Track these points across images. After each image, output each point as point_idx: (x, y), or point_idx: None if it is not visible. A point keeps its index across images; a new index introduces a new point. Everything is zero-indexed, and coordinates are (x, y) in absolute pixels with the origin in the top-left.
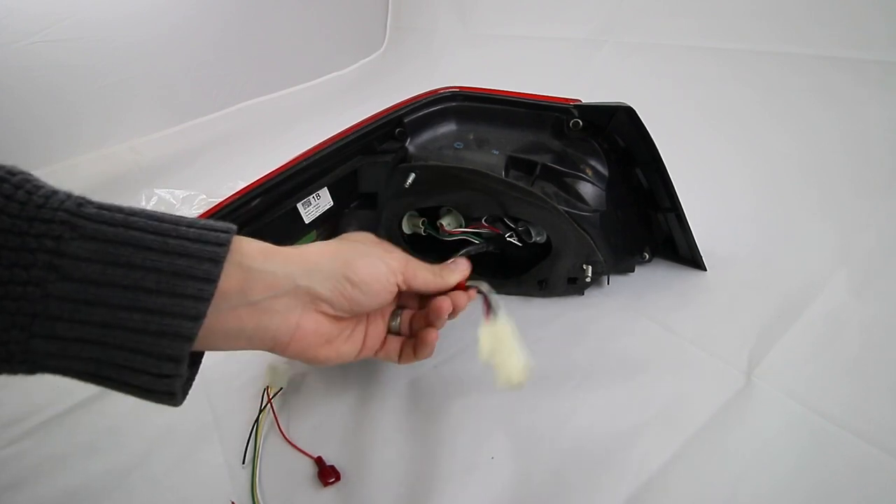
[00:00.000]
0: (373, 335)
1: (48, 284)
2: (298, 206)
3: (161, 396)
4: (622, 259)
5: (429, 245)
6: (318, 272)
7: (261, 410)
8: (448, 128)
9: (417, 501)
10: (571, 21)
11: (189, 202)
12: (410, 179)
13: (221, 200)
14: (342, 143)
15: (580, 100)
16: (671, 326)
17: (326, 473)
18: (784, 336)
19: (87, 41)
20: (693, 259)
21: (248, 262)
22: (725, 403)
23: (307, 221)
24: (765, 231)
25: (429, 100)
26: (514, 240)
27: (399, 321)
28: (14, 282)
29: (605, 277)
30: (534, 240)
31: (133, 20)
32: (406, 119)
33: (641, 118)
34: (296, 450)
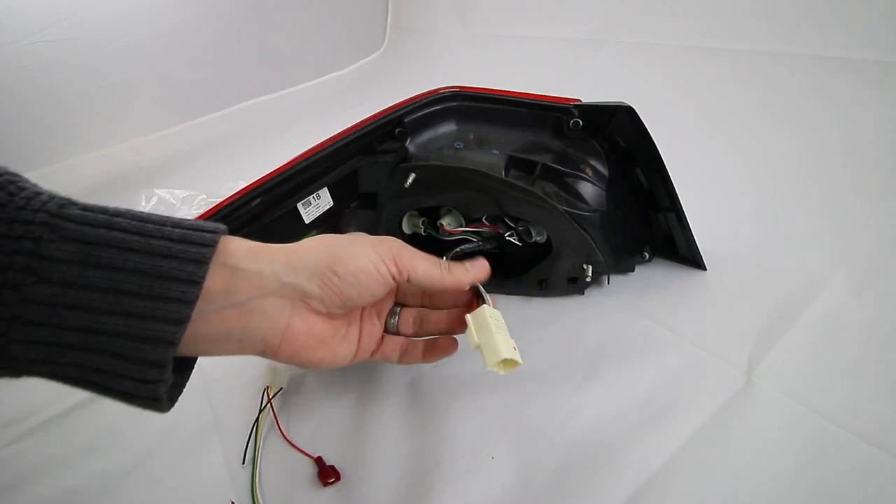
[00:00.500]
0: (368, 335)
1: (25, 288)
2: (298, 206)
3: (146, 402)
4: (622, 259)
5: (429, 245)
6: (304, 268)
7: (261, 410)
8: (448, 128)
9: (417, 501)
10: (571, 21)
11: (189, 202)
12: (410, 179)
13: (221, 200)
14: (342, 143)
15: (580, 100)
16: (671, 326)
17: (326, 473)
18: (784, 336)
19: (87, 41)
20: (693, 259)
21: (234, 262)
22: (725, 403)
23: (307, 221)
24: (765, 231)
25: (429, 100)
26: (514, 239)
27: (397, 319)
28: None
29: (606, 277)
30: (534, 239)
31: (133, 20)
32: (406, 119)
33: (641, 118)
34: (296, 450)
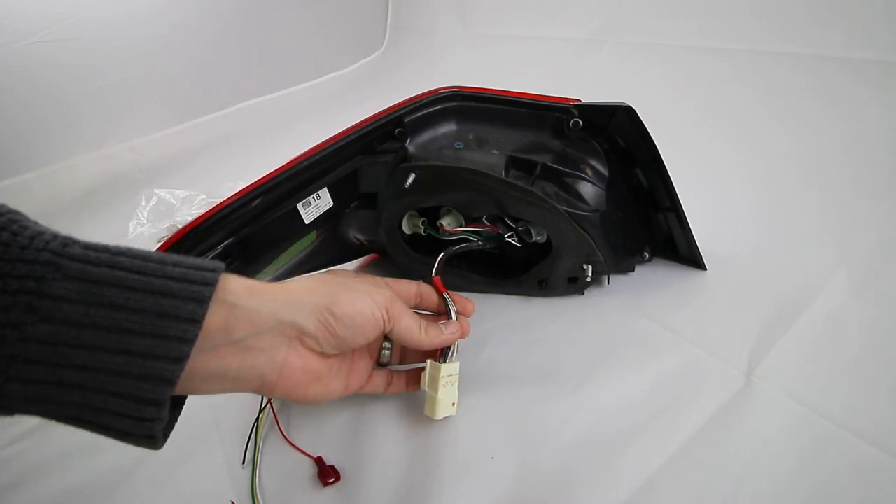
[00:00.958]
0: (359, 370)
1: (27, 327)
2: (298, 207)
3: (141, 440)
4: (622, 259)
5: (429, 245)
6: (302, 306)
7: (261, 410)
8: (448, 128)
9: (417, 501)
10: (571, 21)
11: (189, 202)
12: (411, 179)
13: (221, 200)
14: (342, 143)
15: (580, 100)
16: (671, 326)
17: (326, 473)
18: (784, 336)
19: (87, 41)
20: (693, 259)
21: (233, 300)
22: (725, 403)
23: (307, 221)
24: (765, 231)
25: (429, 100)
26: (514, 240)
27: (390, 353)
28: None
29: (606, 277)
30: (534, 239)
31: (133, 20)
32: (406, 119)
33: (641, 118)
34: (296, 450)
